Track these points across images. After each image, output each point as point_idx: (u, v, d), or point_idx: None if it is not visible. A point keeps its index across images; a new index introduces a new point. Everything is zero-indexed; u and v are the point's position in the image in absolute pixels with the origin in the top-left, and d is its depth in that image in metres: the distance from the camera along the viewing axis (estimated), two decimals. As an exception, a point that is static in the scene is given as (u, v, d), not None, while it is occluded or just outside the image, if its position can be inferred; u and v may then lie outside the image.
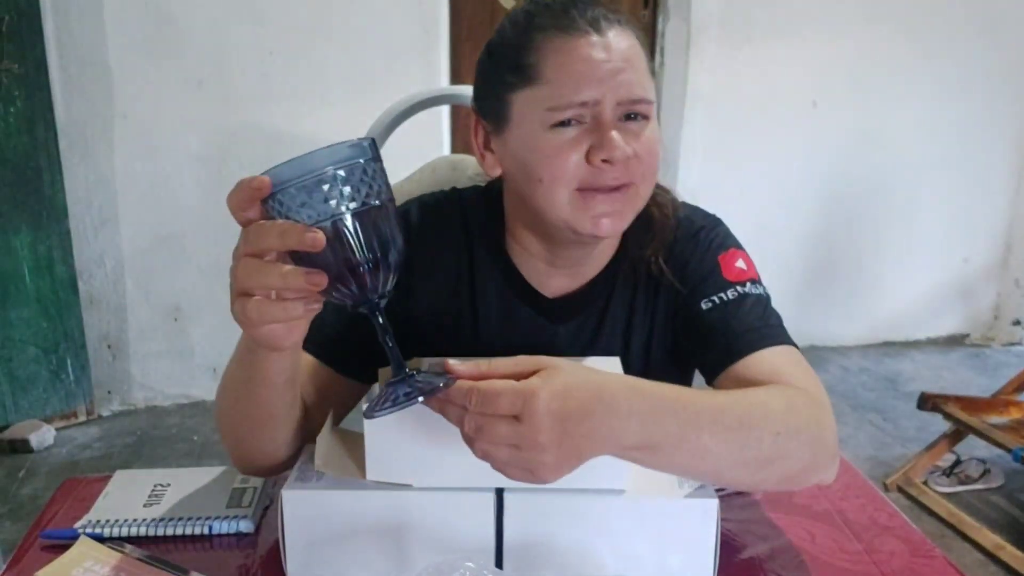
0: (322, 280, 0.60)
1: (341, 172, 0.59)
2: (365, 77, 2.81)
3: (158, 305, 2.92)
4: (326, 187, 0.59)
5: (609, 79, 0.83)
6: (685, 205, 1.00)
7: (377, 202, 0.61)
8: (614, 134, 0.83)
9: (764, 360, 0.85)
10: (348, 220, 0.60)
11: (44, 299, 2.67)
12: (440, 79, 2.92)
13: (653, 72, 0.89)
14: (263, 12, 2.74)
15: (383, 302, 0.65)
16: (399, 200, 1.34)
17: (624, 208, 0.86)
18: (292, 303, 0.62)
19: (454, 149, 3.01)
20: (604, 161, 0.83)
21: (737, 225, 1.01)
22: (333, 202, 0.59)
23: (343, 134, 0.71)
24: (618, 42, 0.84)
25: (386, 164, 0.64)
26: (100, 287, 2.86)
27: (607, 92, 0.83)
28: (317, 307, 0.64)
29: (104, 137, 2.73)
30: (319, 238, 0.59)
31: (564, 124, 0.84)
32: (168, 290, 2.90)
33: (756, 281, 0.93)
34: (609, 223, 0.86)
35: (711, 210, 1.03)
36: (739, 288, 0.90)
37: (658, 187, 0.96)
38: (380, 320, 0.65)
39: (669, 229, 0.95)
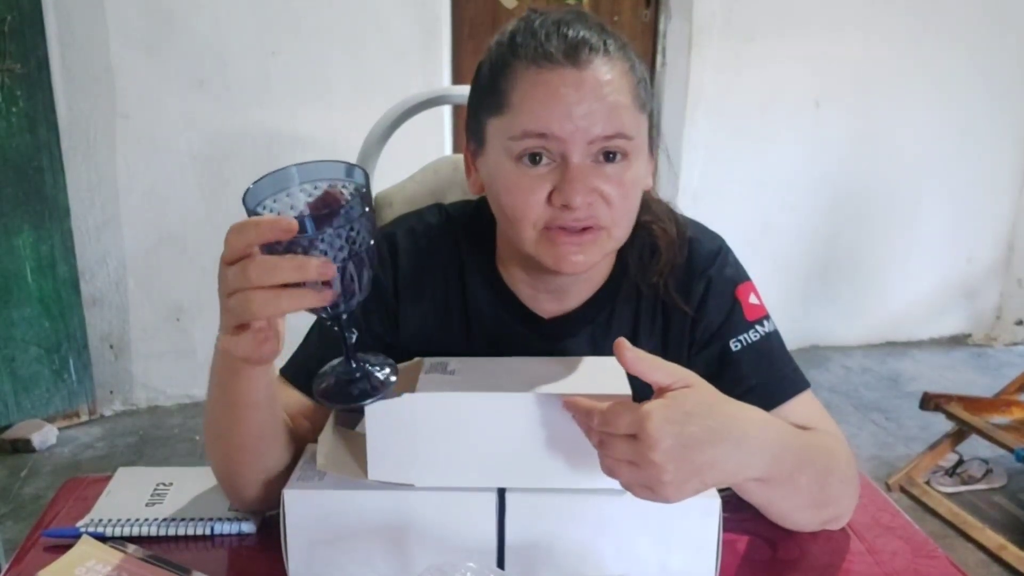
0: (330, 270, 0.61)
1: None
2: (367, 77, 2.81)
3: (160, 305, 2.92)
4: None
5: (579, 117, 0.79)
6: (688, 222, 0.97)
7: (359, 231, 0.62)
8: (576, 178, 0.80)
9: (796, 409, 0.90)
10: (330, 239, 0.61)
11: (46, 299, 2.67)
12: (442, 79, 2.92)
13: (645, 101, 0.85)
14: (265, 13, 2.74)
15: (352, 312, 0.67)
16: (398, 200, 1.33)
17: (591, 248, 0.84)
18: (303, 292, 0.63)
19: (456, 149, 3.01)
20: (564, 206, 0.81)
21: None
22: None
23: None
24: (598, 75, 0.80)
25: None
26: (102, 287, 2.86)
27: (575, 130, 0.79)
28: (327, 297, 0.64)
29: (106, 137, 2.73)
30: (293, 223, 0.60)
31: (534, 161, 0.81)
32: (170, 290, 2.90)
33: (768, 316, 0.95)
34: (574, 262, 0.83)
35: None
36: (759, 328, 0.93)
37: (660, 206, 0.95)
38: (350, 332, 0.68)
39: (674, 251, 0.93)
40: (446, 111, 2.96)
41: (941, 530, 2.26)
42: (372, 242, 0.64)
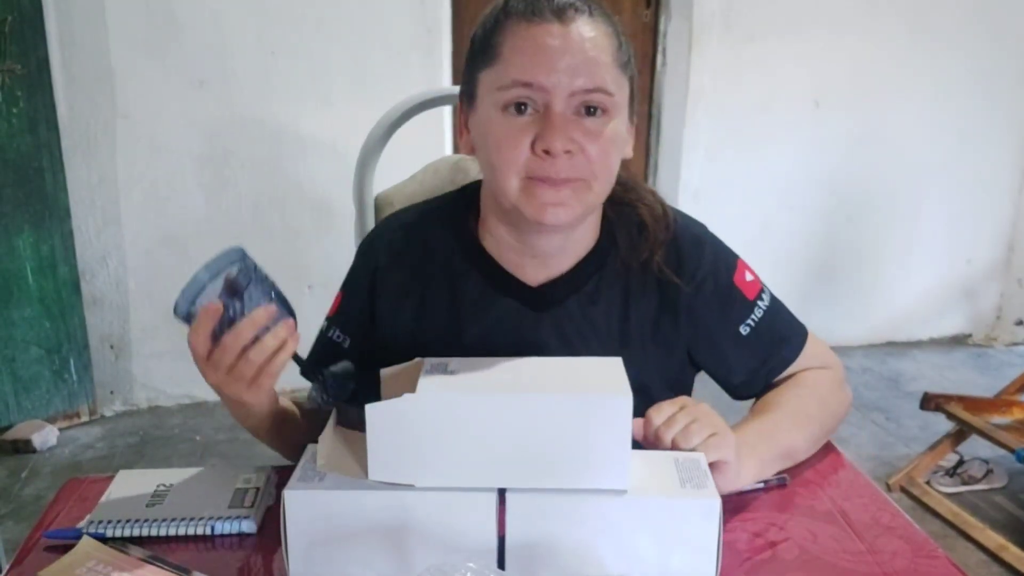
0: (271, 310, 0.80)
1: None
2: (367, 77, 2.81)
3: (160, 305, 2.91)
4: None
5: (563, 69, 0.84)
6: (671, 206, 1.02)
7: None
8: (557, 125, 0.84)
9: (803, 362, 1.03)
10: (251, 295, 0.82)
11: (47, 299, 2.67)
12: (442, 79, 2.92)
13: (626, 64, 0.89)
14: (265, 12, 2.74)
15: None
16: (399, 200, 1.35)
17: (572, 201, 0.88)
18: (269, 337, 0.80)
19: (456, 150, 3.01)
20: (545, 152, 0.84)
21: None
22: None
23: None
24: (581, 32, 0.85)
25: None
26: (102, 287, 2.86)
27: (558, 81, 0.84)
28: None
29: (106, 137, 2.73)
30: (215, 305, 0.83)
31: (519, 111, 0.86)
32: (170, 290, 2.82)
33: (764, 287, 1.01)
34: (555, 213, 0.87)
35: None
36: (760, 304, 0.99)
37: (642, 186, 0.99)
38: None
39: (662, 231, 0.97)
40: (446, 111, 2.95)
41: (941, 530, 2.25)
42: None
